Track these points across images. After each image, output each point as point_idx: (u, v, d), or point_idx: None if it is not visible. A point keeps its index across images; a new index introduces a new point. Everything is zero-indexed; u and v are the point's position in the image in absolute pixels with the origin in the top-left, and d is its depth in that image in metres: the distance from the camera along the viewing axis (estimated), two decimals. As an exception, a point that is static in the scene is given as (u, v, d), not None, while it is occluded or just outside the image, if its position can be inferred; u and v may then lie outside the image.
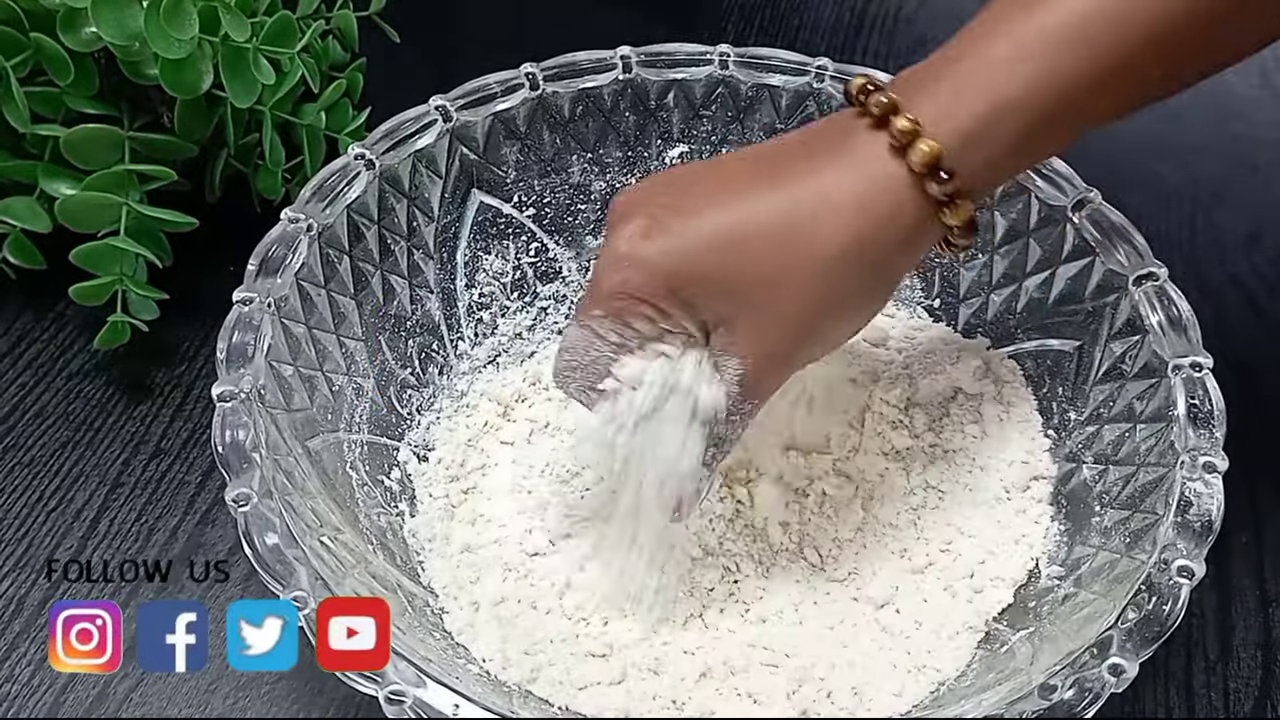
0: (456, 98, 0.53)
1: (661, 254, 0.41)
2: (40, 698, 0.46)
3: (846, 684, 0.45)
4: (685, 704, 0.44)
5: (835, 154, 0.41)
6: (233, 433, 0.41)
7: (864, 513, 0.50)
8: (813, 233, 0.40)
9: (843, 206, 0.40)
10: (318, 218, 0.48)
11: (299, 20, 0.58)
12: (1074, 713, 0.36)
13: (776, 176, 0.41)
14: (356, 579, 0.40)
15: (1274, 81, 0.76)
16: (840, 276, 0.41)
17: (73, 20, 0.53)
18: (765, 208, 0.41)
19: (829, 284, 0.41)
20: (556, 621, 0.47)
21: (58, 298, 0.56)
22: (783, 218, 0.41)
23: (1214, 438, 0.43)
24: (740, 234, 0.41)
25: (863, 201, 0.40)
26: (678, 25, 0.66)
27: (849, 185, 0.40)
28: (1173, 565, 0.39)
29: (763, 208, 0.41)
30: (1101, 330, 0.49)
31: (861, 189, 0.40)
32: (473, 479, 0.52)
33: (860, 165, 0.41)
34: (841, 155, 0.41)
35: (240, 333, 0.44)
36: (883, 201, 0.40)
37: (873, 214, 0.40)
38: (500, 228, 0.56)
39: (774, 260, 0.40)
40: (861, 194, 0.40)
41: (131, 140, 0.55)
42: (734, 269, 0.41)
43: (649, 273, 0.41)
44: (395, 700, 0.36)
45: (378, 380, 0.51)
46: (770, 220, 0.41)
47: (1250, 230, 0.66)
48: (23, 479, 0.53)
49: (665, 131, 0.56)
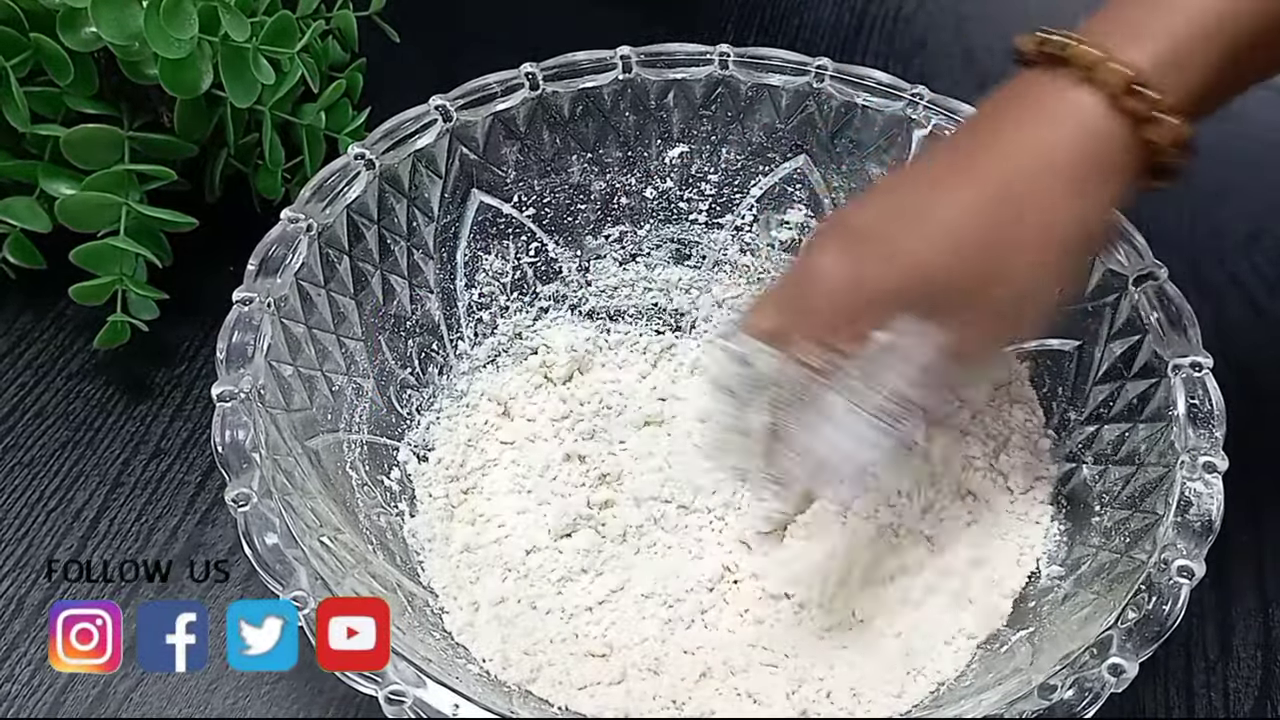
0: (456, 98, 0.53)
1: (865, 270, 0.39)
2: (40, 698, 0.46)
3: (846, 684, 0.45)
4: (685, 704, 0.44)
5: (1021, 115, 0.40)
6: (232, 433, 0.41)
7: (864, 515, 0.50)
8: (1032, 193, 0.39)
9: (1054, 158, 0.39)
10: (317, 218, 0.48)
11: (299, 20, 0.58)
12: (1074, 713, 0.36)
13: (972, 159, 0.40)
14: (356, 579, 0.40)
15: (1274, 81, 0.75)
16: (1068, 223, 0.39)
17: (72, 20, 0.53)
18: (972, 187, 0.40)
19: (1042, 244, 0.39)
20: (556, 621, 0.47)
21: (57, 298, 0.56)
22: (993, 192, 0.39)
23: (1214, 438, 0.43)
24: (943, 226, 0.39)
25: (1071, 145, 0.38)
26: (678, 25, 0.66)
27: (1047, 135, 0.39)
28: (1172, 565, 0.39)
29: (964, 191, 0.40)
30: (1101, 330, 0.49)
31: (1065, 133, 0.38)
32: (472, 479, 0.52)
33: (1054, 112, 0.39)
34: (1029, 112, 0.39)
35: (240, 333, 0.44)
36: (1090, 136, 0.38)
37: (1086, 152, 0.38)
38: (500, 227, 0.56)
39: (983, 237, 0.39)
40: (1065, 138, 0.38)
41: (131, 140, 0.55)
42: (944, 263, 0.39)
43: (857, 292, 0.39)
44: (395, 700, 0.36)
45: (377, 380, 0.51)
46: (973, 200, 0.39)
47: (1250, 230, 0.66)
48: (23, 479, 0.53)
49: (665, 131, 0.56)
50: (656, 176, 0.57)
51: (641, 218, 0.57)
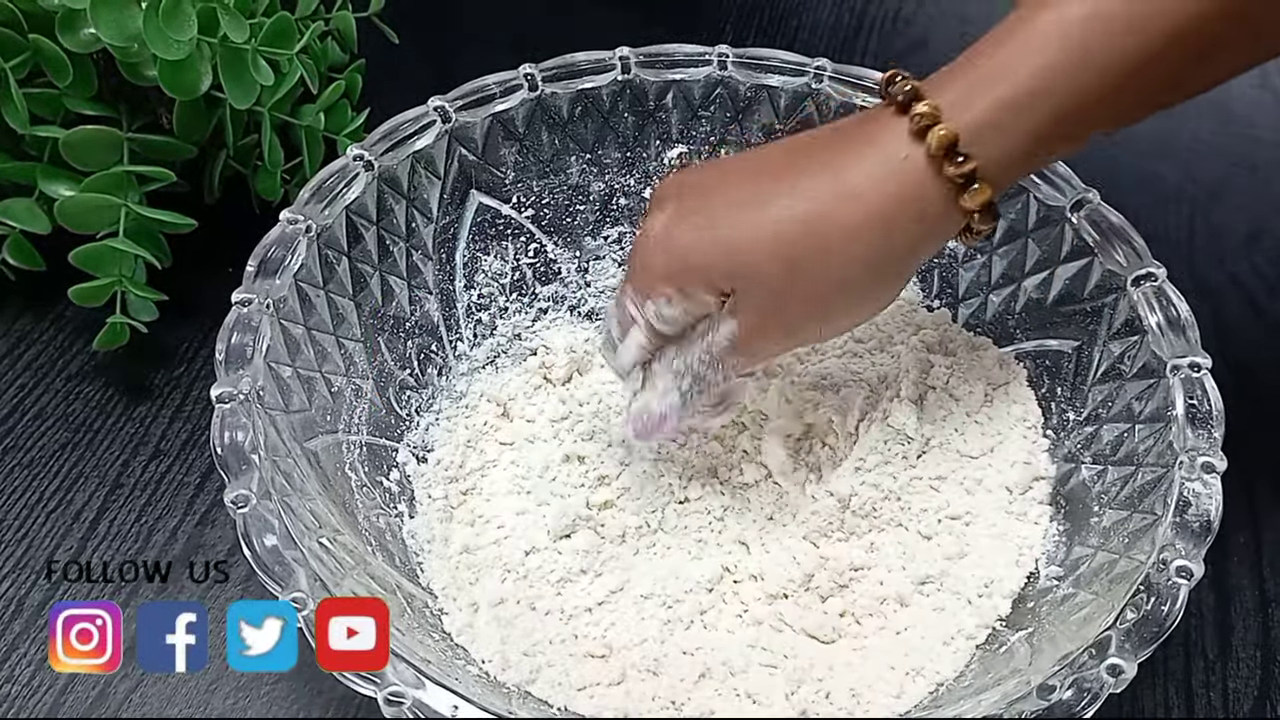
0: (455, 98, 0.53)
1: (691, 238, 0.44)
2: (40, 698, 0.46)
3: (845, 685, 0.45)
4: (684, 704, 0.44)
5: (861, 142, 0.43)
6: (232, 434, 0.41)
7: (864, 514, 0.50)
8: (833, 216, 0.42)
9: (863, 191, 0.42)
10: (316, 219, 0.48)
11: (298, 21, 0.58)
12: (1073, 713, 0.36)
13: (805, 164, 0.43)
14: (355, 580, 0.40)
15: (1274, 82, 0.76)
16: (856, 258, 0.42)
17: (71, 21, 0.53)
18: (789, 194, 0.43)
19: (844, 265, 0.42)
20: (555, 622, 0.47)
21: (57, 299, 0.56)
22: (810, 204, 0.42)
23: (1213, 438, 0.43)
24: (769, 221, 0.43)
25: (882, 186, 0.42)
26: (677, 26, 0.66)
27: (870, 170, 0.42)
28: (1171, 565, 0.39)
29: (786, 195, 0.43)
30: (1100, 330, 0.49)
31: (881, 173, 0.42)
32: (472, 480, 0.52)
33: (882, 151, 0.42)
34: (866, 143, 0.43)
35: (239, 334, 0.44)
36: (902, 185, 0.42)
37: (892, 197, 0.42)
38: (499, 228, 0.56)
39: (801, 246, 0.42)
40: (882, 179, 0.42)
41: (130, 141, 0.55)
42: (762, 254, 0.43)
43: (676, 254, 0.44)
44: (394, 701, 0.36)
45: (376, 381, 0.51)
46: (793, 206, 0.43)
47: (1250, 230, 0.66)
48: (22, 480, 0.53)
49: (664, 132, 0.56)
50: (656, 177, 0.57)
51: (641, 218, 0.57)
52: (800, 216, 0.42)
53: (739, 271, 0.43)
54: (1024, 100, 0.40)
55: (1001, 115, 0.41)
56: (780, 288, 0.43)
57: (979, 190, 0.41)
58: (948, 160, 0.41)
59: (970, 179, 0.41)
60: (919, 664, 0.45)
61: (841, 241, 0.42)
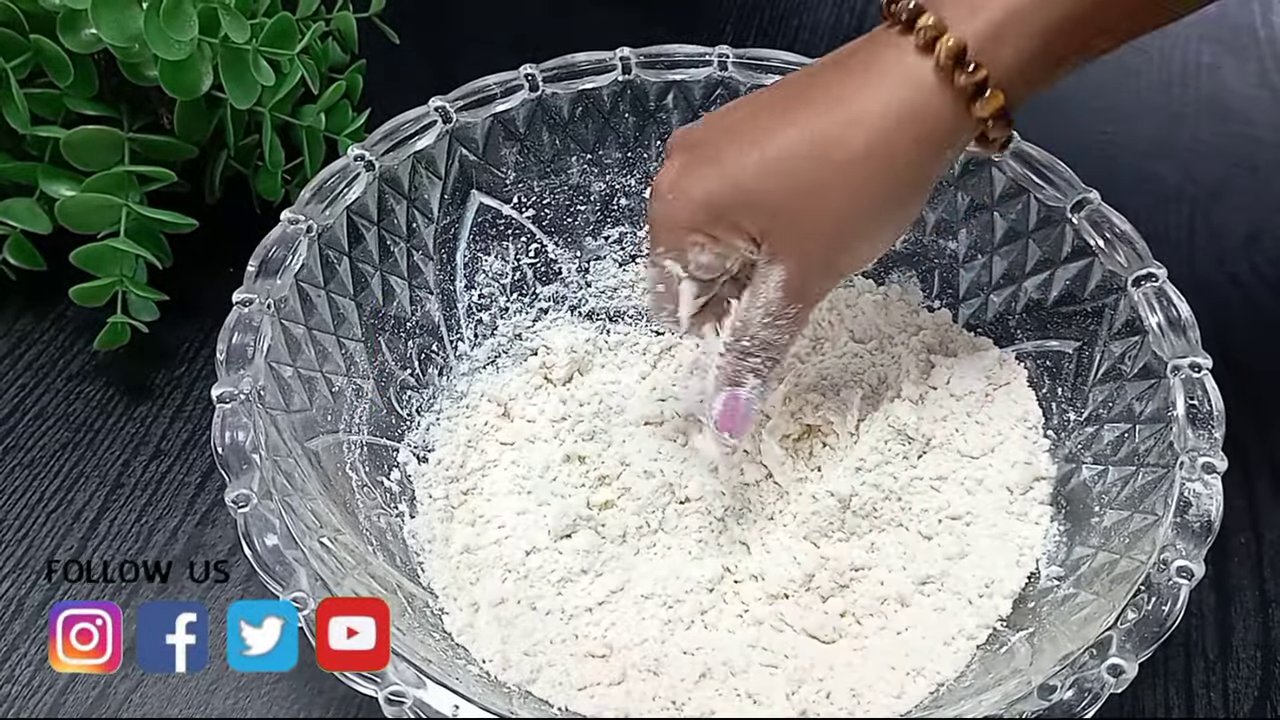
0: (456, 99, 0.53)
1: (700, 184, 0.44)
2: (40, 698, 0.46)
3: (845, 685, 0.45)
4: (685, 704, 0.44)
5: (866, 65, 0.43)
6: (232, 434, 0.41)
7: (864, 514, 0.50)
8: (842, 141, 0.42)
9: (870, 112, 0.42)
10: (317, 219, 0.48)
11: (298, 21, 0.58)
12: (1073, 713, 0.36)
13: (810, 95, 0.44)
14: (356, 580, 0.40)
15: (1273, 81, 0.76)
16: (871, 179, 0.43)
17: (73, 22, 0.53)
18: (798, 126, 0.43)
19: (861, 187, 0.43)
20: (556, 622, 0.47)
21: (57, 299, 0.57)
22: (814, 133, 0.43)
23: (1213, 438, 0.43)
24: (774, 154, 0.43)
25: (890, 105, 0.42)
26: (677, 26, 0.66)
27: (877, 92, 0.42)
28: (1172, 566, 0.39)
29: (795, 127, 0.43)
30: (1101, 331, 0.49)
31: (888, 93, 0.42)
32: (472, 480, 0.52)
33: (888, 71, 0.42)
34: (871, 65, 0.43)
35: (240, 334, 0.44)
36: (911, 101, 0.42)
37: (901, 115, 0.42)
38: (500, 229, 0.56)
39: (807, 173, 0.42)
40: (889, 98, 0.42)
41: (131, 142, 0.55)
42: (771, 187, 0.43)
43: (691, 202, 0.44)
44: (395, 701, 0.36)
45: (377, 381, 0.51)
46: (802, 137, 0.43)
47: (1250, 230, 0.66)
48: (23, 480, 0.53)
49: (664, 133, 0.56)
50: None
51: (641, 219, 0.57)
52: (807, 148, 0.42)
53: (757, 208, 0.43)
54: (1029, 3, 0.40)
55: (1008, 21, 0.40)
56: (803, 220, 0.43)
57: (991, 97, 0.41)
58: (958, 69, 0.41)
59: (982, 87, 0.41)
60: (920, 664, 0.45)
61: (852, 165, 0.42)
